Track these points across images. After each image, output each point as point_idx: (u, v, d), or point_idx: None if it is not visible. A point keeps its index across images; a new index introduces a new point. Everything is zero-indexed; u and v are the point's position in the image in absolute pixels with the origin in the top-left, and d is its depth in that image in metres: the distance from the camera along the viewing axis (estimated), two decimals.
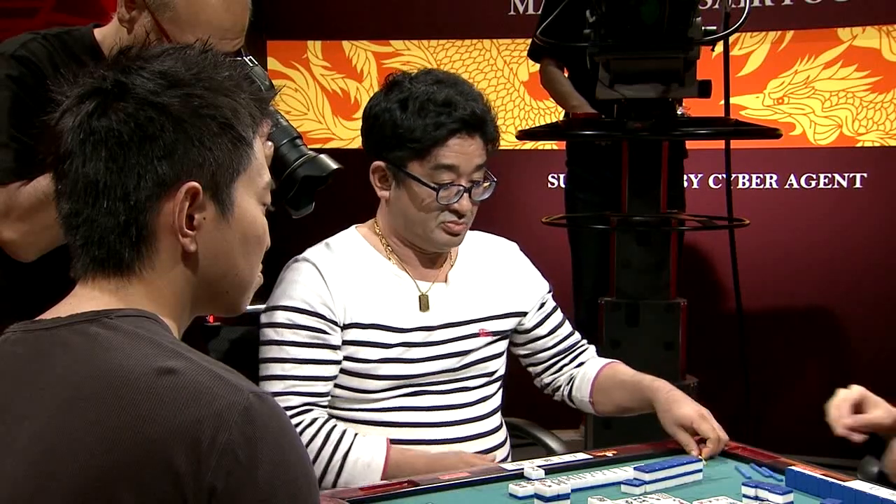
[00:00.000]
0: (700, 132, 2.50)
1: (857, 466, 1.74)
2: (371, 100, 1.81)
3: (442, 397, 1.82)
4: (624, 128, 2.36)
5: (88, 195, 0.99)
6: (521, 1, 4.00)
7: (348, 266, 1.80)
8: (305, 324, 1.75)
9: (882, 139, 3.71)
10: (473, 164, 1.75)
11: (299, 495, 0.94)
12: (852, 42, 3.71)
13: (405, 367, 1.79)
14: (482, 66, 4.09)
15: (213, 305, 1.08)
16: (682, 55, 2.21)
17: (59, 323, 1.00)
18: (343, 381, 1.78)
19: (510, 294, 1.90)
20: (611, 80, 2.27)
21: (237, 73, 1.05)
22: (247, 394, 0.93)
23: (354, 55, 4.21)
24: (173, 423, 0.90)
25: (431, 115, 1.71)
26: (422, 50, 4.14)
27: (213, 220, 1.02)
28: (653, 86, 2.26)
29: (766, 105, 3.75)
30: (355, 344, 1.77)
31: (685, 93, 2.29)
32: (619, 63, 2.25)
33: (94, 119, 0.99)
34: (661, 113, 2.33)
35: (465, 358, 1.83)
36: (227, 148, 1.01)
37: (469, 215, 1.78)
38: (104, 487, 0.90)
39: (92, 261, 1.02)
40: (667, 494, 1.50)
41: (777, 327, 3.64)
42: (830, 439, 1.62)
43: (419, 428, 1.79)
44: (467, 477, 1.59)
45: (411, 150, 1.73)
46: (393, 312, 1.79)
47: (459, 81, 1.78)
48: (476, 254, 1.90)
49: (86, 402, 0.93)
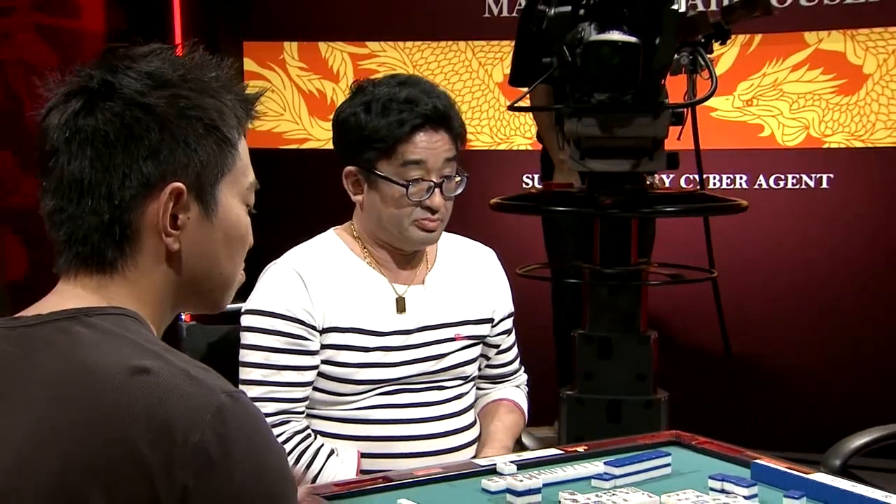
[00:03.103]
0: (669, 209, 2.52)
1: (821, 460, 1.78)
2: (338, 107, 1.82)
3: (417, 395, 1.83)
4: (595, 203, 2.39)
5: (73, 193, 0.99)
6: (495, 3, 4.01)
7: (327, 270, 1.80)
8: (285, 330, 1.75)
9: (847, 141, 3.76)
10: (441, 159, 1.75)
11: (275, 494, 0.94)
12: (818, 45, 3.75)
13: (383, 370, 1.80)
14: (457, 67, 4.10)
15: (196, 303, 1.08)
16: (651, 117, 2.24)
17: (40, 320, 1.00)
18: (321, 385, 1.79)
19: (486, 300, 1.91)
20: (581, 155, 2.30)
21: (223, 74, 1.04)
22: (219, 394, 0.92)
23: (331, 56, 4.21)
24: (146, 422, 0.90)
25: (394, 113, 1.73)
26: (397, 51, 4.15)
27: (196, 219, 1.02)
28: (623, 161, 2.30)
29: (736, 107, 3.79)
30: (334, 348, 1.77)
31: (654, 166, 2.32)
32: (589, 140, 2.28)
33: (80, 118, 0.99)
34: (632, 187, 2.37)
35: (441, 361, 1.84)
36: (212, 149, 1.02)
37: (443, 211, 1.78)
38: (77, 490, 0.89)
39: (75, 257, 1.01)
40: (636, 488, 1.50)
41: (750, 323, 3.67)
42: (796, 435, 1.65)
43: (395, 425, 1.81)
44: (441, 472, 1.60)
45: (378, 151, 1.74)
46: (371, 316, 1.79)
47: (422, 81, 1.80)
48: (454, 258, 1.91)
49: (63, 401, 0.93)
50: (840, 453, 1.96)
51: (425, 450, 1.81)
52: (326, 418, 1.80)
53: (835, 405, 3.51)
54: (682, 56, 2.21)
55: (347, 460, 1.75)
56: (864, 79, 3.73)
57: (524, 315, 2.01)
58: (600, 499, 1.44)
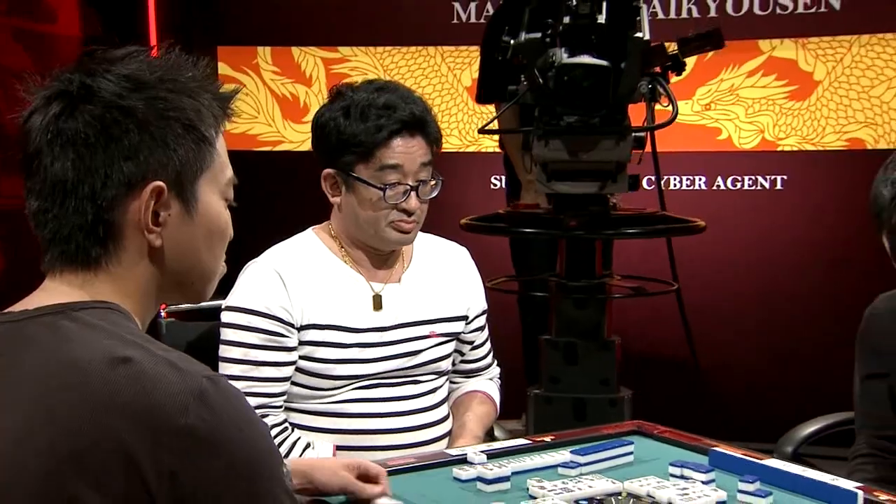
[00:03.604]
0: (631, 231, 2.56)
1: (774, 449, 1.82)
2: (317, 111, 1.82)
3: (393, 389, 1.84)
4: (561, 225, 2.42)
5: (57, 193, 0.99)
6: (463, 9, 4.04)
7: (305, 268, 1.81)
8: (264, 327, 1.75)
9: (800, 144, 3.82)
10: (418, 163, 1.76)
11: (261, 469, 0.94)
12: (772, 53, 3.81)
13: (360, 366, 1.80)
14: (427, 71, 4.11)
15: (180, 295, 1.09)
16: (615, 142, 2.28)
17: (26, 315, 1.00)
18: (300, 379, 1.79)
19: (460, 298, 1.91)
20: (548, 178, 2.33)
21: (200, 74, 1.04)
22: (201, 378, 0.93)
23: (303, 61, 4.21)
24: (130, 411, 0.90)
25: (373, 119, 1.73)
26: (369, 56, 4.16)
27: (177, 216, 1.03)
28: (588, 183, 2.33)
29: (695, 111, 3.84)
30: (312, 344, 1.78)
31: (617, 188, 2.36)
32: (555, 164, 2.31)
33: (61, 120, 0.99)
34: (597, 208, 2.41)
35: (416, 357, 1.85)
36: (191, 148, 1.02)
37: (419, 213, 1.79)
38: (63, 479, 0.89)
39: (60, 255, 1.02)
40: (600, 475, 1.53)
41: (708, 319, 3.72)
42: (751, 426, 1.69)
43: (371, 418, 1.81)
44: (413, 462, 1.62)
45: (356, 155, 1.75)
46: (348, 313, 1.80)
47: (399, 87, 1.80)
48: (429, 257, 1.92)
49: (49, 395, 0.93)
50: (792, 441, 2.00)
51: (400, 443, 1.82)
52: (304, 411, 1.81)
53: (786, 398, 3.57)
54: (642, 85, 2.25)
55: (323, 453, 1.76)
56: (814, 85, 3.80)
57: (492, 310, 2.04)
58: (567, 485, 1.47)
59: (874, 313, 1.80)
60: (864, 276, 2.47)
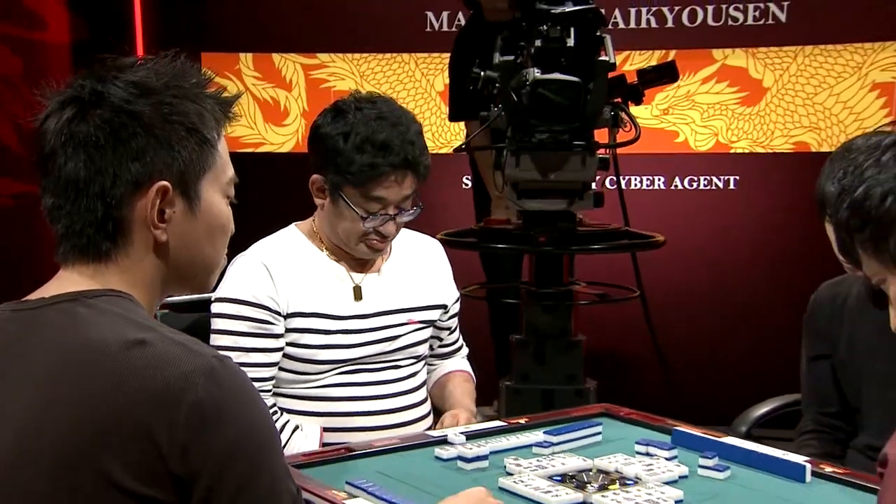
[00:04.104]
0: (596, 247, 2.61)
1: (728, 430, 1.87)
2: (318, 118, 1.81)
3: (375, 374, 1.85)
4: (531, 240, 2.46)
5: (69, 192, 1.01)
6: (436, 18, 4.05)
7: (290, 260, 1.82)
8: (252, 315, 1.77)
9: (751, 146, 3.88)
10: (402, 197, 1.77)
11: (263, 443, 0.97)
12: (724, 62, 3.86)
13: (343, 351, 1.82)
14: (401, 77, 4.12)
15: (184, 285, 1.11)
16: (581, 163, 2.31)
17: (43, 303, 1.02)
18: (287, 365, 1.81)
19: (435, 288, 1.94)
20: (518, 196, 2.37)
21: (203, 80, 1.07)
22: (209, 358, 0.96)
23: (283, 66, 4.20)
24: (146, 388, 0.92)
25: (368, 155, 1.72)
26: (346, 62, 4.16)
27: (181, 213, 1.05)
28: (556, 201, 2.38)
29: (654, 115, 3.87)
30: (298, 331, 1.79)
31: (584, 206, 2.41)
32: (527, 183, 2.35)
33: (73, 124, 1.01)
34: (565, 224, 2.44)
35: (395, 343, 1.87)
36: (194, 149, 1.04)
37: (393, 234, 1.81)
38: (87, 451, 0.92)
39: (73, 249, 1.03)
40: (572, 453, 1.56)
41: (667, 310, 3.77)
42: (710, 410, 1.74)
43: (355, 401, 1.83)
44: (398, 443, 1.64)
45: (347, 179, 1.75)
46: (331, 302, 1.82)
47: (401, 120, 1.76)
48: (406, 249, 1.94)
49: (67, 374, 0.95)
50: (745, 421, 2.04)
51: (382, 424, 1.84)
52: (291, 396, 1.82)
53: (740, 383, 3.63)
54: (605, 112, 2.31)
55: (311, 435, 1.78)
56: (763, 92, 3.86)
57: (464, 302, 2.07)
58: (541, 463, 1.51)
59: (818, 299, 1.86)
60: (810, 266, 2.53)
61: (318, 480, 1.42)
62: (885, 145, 1.12)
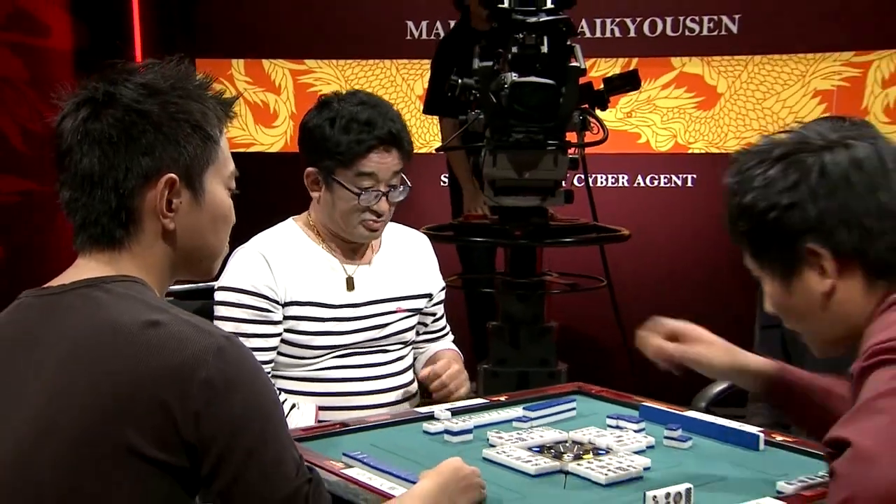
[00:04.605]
0: (567, 240, 2.64)
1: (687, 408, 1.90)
2: (306, 115, 1.83)
3: (366, 357, 1.87)
4: (507, 234, 2.48)
5: (85, 185, 1.03)
6: (416, 27, 4.06)
7: (288, 252, 1.82)
8: (252, 304, 1.77)
9: (707, 147, 3.93)
10: (390, 172, 1.78)
11: (268, 414, 0.99)
12: (682, 69, 3.91)
13: (336, 337, 1.83)
14: (383, 81, 4.13)
15: (190, 271, 1.12)
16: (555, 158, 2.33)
17: (63, 289, 1.03)
18: (285, 350, 1.82)
19: (422, 278, 1.95)
20: (495, 193, 2.40)
21: (205, 82, 1.08)
22: (218, 337, 0.98)
23: (273, 72, 4.19)
24: (161, 364, 0.94)
25: (354, 132, 1.74)
26: (331, 68, 4.16)
27: (187, 203, 1.06)
28: (530, 198, 2.40)
29: (618, 118, 3.90)
30: (295, 319, 1.80)
31: (555, 202, 2.44)
32: (503, 181, 2.38)
33: (88, 123, 1.02)
34: (538, 219, 2.47)
35: (385, 329, 1.88)
36: (198, 145, 1.05)
37: (387, 214, 1.82)
38: (109, 422, 0.94)
39: (89, 238, 1.05)
40: (549, 427, 1.58)
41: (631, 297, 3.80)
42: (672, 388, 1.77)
43: (348, 382, 1.84)
44: (389, 419, 1.66)
45: (338, 161, 1.76)
46: (325, 291, 1.82)
47: (380, 103, 1.80)
48: (395, 243, 1.95)
49: (87, 351, 0.97)
50: (704, 398, 2.08)
51: (372, 403, 1.85)
52: (289, 378, 1.83)
53: None
54: (574, 116, 2.34)
55: (307, 413, 1.79)
56: (717, 97, 3.91)
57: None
58: (521, 436, 1.53)
59: None
60: None
61: (316, 452, 1.43)
62: (774, 157, 1.10)
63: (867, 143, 1.08)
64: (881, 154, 1.07)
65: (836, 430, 0.89)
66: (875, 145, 1.08)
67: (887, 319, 0.99)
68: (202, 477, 0.98)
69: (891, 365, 0.92)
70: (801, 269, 1.09)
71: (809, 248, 1.07)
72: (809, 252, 1.07)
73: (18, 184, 3.83)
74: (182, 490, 0.98)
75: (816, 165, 1.06)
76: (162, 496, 0.97)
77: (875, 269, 1.06)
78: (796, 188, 1.06)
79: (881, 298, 1.06)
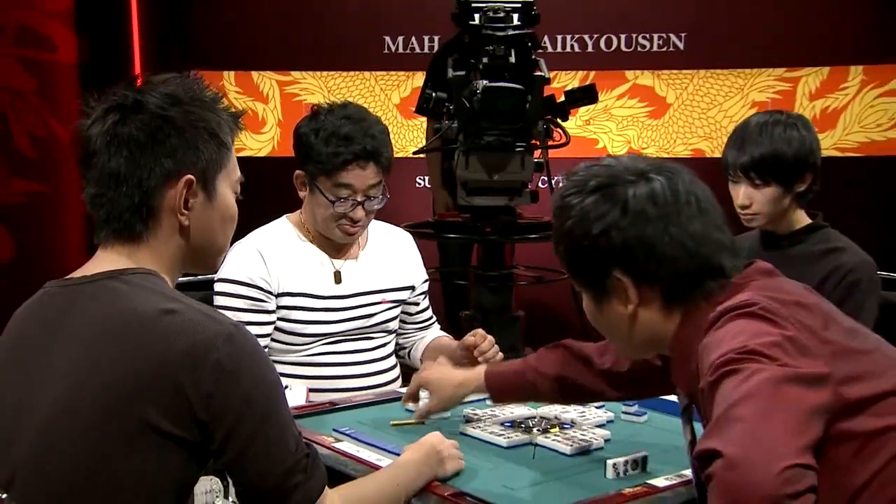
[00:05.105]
0: (532, 237, 2.67)
1: None
2: (300, 122, 1.83)
3: (352, 344, 1.88)
4: (479, 230, 2.51)
5: (111, 182, 1.04)
6: (392, 42, 4.07)
7: (281, 247, 1.83)
8: (247, 294, 1.78)
9: (658, 152, 3.98)
10: (367, 184, 1.77)
11: (272, 394, 1.01)
12: (635, 81, 3.96)
13: (325, 326, 1.84)
14: (363, 91, 4.13)
15: (197, 265, 1.13)
16: (521, 165, 2.35)
17: (86, 280, 1.04)
18: (278, 337, 1.83)
19: (405, 272, 1.96)
20: (467, 193, 2.43)
21: (218, 96, 1.11)
22: (227, 325, 0.99)
23: (261, 83, 4.18)
24: (177, 348, 0.96)
25: (333, 145, 1.74)
26: (315, 79, 4.15)
27: (201, 203, 1.08)
28: (499, 198, 2.43)
29: (578, 125, 3.93)
30: (287, 308, 1.81)
31: (522, 201, 2.46)
32: (474, 183, 2.40)
33: (118, 126, 1.04)
34: (507, 217, 2.49)
35: (371, 319, 1.89)
36: (214, 150, 1.07)
37: (364, 220, 1.82)
38: (129, 401, 0.95)
39: (112, 232, 1.06)
40: (518, 404, 1.60)
41: None
42: None
43: (336, 367, 1.86)
44: (374, 398, 1.69)
45: (319, 169, 1.76)
46: (315, 284, 1.83)
47: (365, 118, 1.78)
48: (381, 239, 1.96)
49: (108, 336, 0.98)
50: None
51: (358, 385, 1.86)
52: (283, 363, 1.84)
53: None
54: (539, 125, 2.37)
55: (298, 393, 1.79)
56: (667, 107, 3.97)
57: None
58: (494, 413, 1.56)
59: None
60: None
61: (309, 428, 1.45)
62: (589, 189, 1.09)
63: (664, 177, 1.07)
64: (675, 189, 1.07)
65: (702, 442, 0.88)
66: (672, 180, 1.07)
67: (716, 336, 0.98)
68: (212, 451, 1.00)
69: (732, 375, 0.91)
70: (609, 294, 1.10)
71: (615, 277, 1.07)
72: (615, 280, 1.08)
73: (26, 185, 3.81)
74: (194, 462, 1.00)
75: (621, 198, 1.06)
76: (178, 467, 0.98)
77: (670, 294, 1.07)
78: (604, 218, 1.06)
79: (682, 319, 1.07)
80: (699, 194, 1.09)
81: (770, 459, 0.83)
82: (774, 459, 0.83)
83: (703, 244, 1.06)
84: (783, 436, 0.85)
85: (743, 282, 1.06)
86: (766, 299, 1.00)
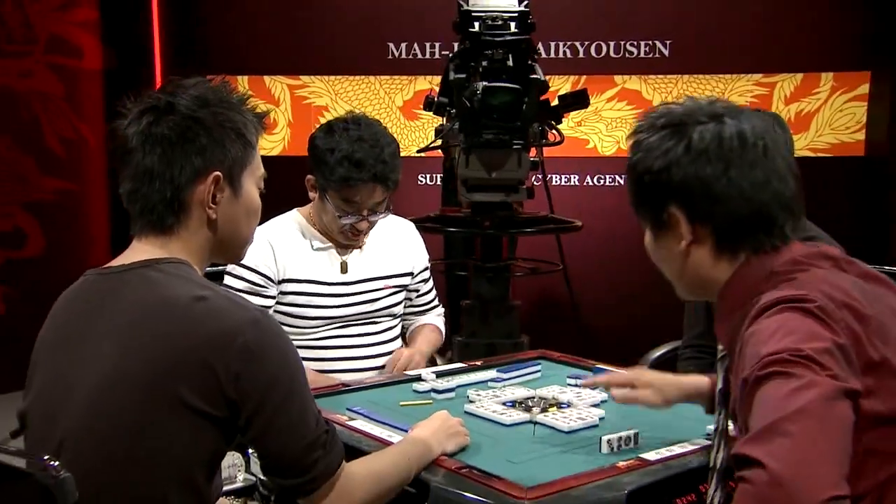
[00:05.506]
0: (529, 230, 2.68)
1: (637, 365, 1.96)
2: (317, 130, 1.83)
3: (358, 328, 1.89)
4: (478, 225, 2.51)
5: (146, 178, 1.05)
6: (396, 48, 4.07)
7: (290, 238, 1.85)
8: (249, 278, 1.81)
9: None
10: (373, 203, 1.79)
11: (294, 375, 1.03)
12: (623, 85, 3.95)
13: (332, 310, 1.85)
14: (368, 95, 4.12)
15: (223, 255, 1.14)
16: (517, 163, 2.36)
17: (123, 268, 1.05)
18: (288, 322, 1.83)
19: (405, 258, 1.97)
20: (466, 190, 2.43)
21: (245, 98, 1.11)
22: (254, 311, 1.01)
23: (273, 86, 4.17)
24: (207, 332, 0.97)
25: (345, 168, 1.74)
26: (323, 83, 4.15)
27: (228, 198, 1.09)
28: (497, 194, 2.43)
29: (570, 126, 3.92)
30: (296, 294, 1.83)
31: (518, 198, 2.47)
32: (474, 180, 2.41)
33: (152, 126, 1.05)
34: (504, 212, 2.50)
35: (375, 304, 1.90)
36: (240, 149, 1.08)
37: (367, 229, 1.83)
38: (166, 379, 0.97)
39: (146, 224, 1.07)
40: (519, 385, 1.63)
41: (582, 279, 3.86)
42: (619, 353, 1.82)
43: (342, 349, 1.87)
44: (383, 380, 1.70)
45: (330, 185, 1.77)
46: (322, 272, 1.85)
47: (378, 140, 1.77)
48: (384, 229, 1.97)
49: (146, 320, 0.99)
50: (646, 361, 2.14)
51: (364, 367, 1.88)
52: None
53: (642, 332, 3.72)
54: (534, 127, 2.38)
55: None
56: None
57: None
58: (496, 393, 1.57)
59: None
60: None
61: (324, 407, 1.43)
62: (658, 125, 1.06)
63: (736, 121, 1.03)
64: (743, 132, 1.02)
65: (745, 446, 0.83)
66: (742, 124, 1.03)
67: (768, 326, 0.92)
68: (239, 427, 1.01)
69: (782, 377, 0.86)
70: (665, 229, 1.08)
71: (671, 212, 1.05)
72: (671, 215, 1.05)
73: (56, 184, 3.83)
74: (223, 437, 1.01)
75: (687, 136, 1.03)
76: (209, 442, 1.00)
77: (721, 235, 1.03)
78: (667, 155, 1.03)
79: (727, 269, 1.03)
80: (768, 141, 1.02)
81: (815, 487, 0.79)
82: (819, 488, 0.79)
83: (761, 192, 1.01)
84: (829, 464, 0.81)
85: (806, 264, 0.99)
86: (824, 297, 0.94)
